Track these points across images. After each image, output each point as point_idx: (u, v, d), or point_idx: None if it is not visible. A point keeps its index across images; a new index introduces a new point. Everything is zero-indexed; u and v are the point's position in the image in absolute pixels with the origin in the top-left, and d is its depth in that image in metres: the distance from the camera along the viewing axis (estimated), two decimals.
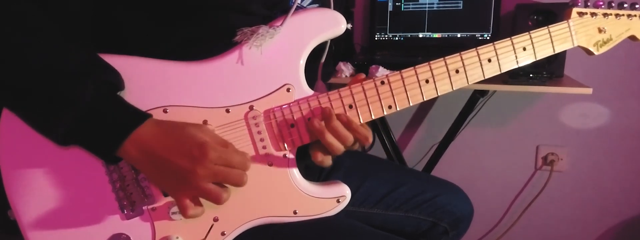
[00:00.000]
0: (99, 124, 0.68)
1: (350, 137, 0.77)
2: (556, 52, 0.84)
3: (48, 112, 0.67)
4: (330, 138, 0.76)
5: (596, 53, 0.87)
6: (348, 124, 0.77)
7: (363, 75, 0.80)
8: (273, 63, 0.77)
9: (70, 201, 0.74)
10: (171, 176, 0.69)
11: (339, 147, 0.77)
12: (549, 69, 1.50)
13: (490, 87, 1.55)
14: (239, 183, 0.71)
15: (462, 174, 2.05)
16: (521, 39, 0.82)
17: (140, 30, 0.78)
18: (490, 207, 2.09)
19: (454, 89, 0.81)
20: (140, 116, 0.70)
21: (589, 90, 1.41)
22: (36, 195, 0.73)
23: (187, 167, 0.68)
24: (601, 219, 2.01)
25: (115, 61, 0.72)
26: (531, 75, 1.44)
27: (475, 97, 1.73)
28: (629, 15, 0.87)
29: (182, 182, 0.69)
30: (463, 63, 0.80)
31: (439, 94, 0.80)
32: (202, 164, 0.67)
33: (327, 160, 0.81)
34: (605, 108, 1.88)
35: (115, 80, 0.71)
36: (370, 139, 0.79)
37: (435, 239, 1.11)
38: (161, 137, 0.69)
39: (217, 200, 0.70)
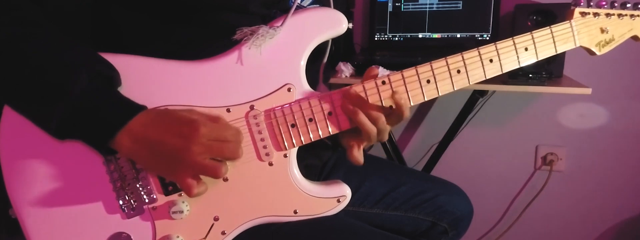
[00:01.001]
0: (92, 115, 0.68)
1: (381, 117, 0.77)
2: (558, 52, 0.84)
3: (42, 103, 0.67)
4: (363, 118, 0.76)
5: (598, 53, 0.87)
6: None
7: (376, 71, 0.80)
8: (274, 63, 0.77)
9: (71, 200, 0.74)
10: (167, 159, 0.69)
11: (372, 129, 0.77)
12: (548, 69, 1.50)
13: (490, 87, 1.55)
14: (234, 155, 0.71)
15: (462, 174, 2.05)
16: (523, 39, 0.82)
17: (139, 30, 0.78)
18: (490, 207, 2.09)
19: (455, 89, 0.80)
20: (134, 108, 0.70)
21: (588, 91, 1.41)
22: (37, 194, 0.73)
23: (181, 145, 0.68)
24: (600, 219, 2.02)
25: (116, 60, 0.72)
26: (530, 75, 1.44)
27: (475, 97, 1.74)
28: (631, 16, 0.87)
29: (178, 162, 0.69)
30: (464, 63, 0.80)
31: (440, 94, 0.80)
32: (195, 141, 0.67)
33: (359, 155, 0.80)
34: (604, 108, 1.88)
35: (110, 74, 0.71)
36: (407, 113, 0.79)
37: (434, 239, 1.11)
38: (153, 123, 0.69)
39: (216, 174, 0.70)
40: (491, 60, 0.81)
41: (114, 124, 0.68)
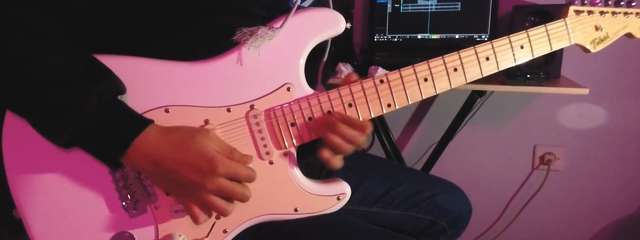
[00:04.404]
0: (102, 132, 0.69)
1: (355, 135, 0.77)
2: (553, 50, 0.85)
3: (52, 120, 0.68)
4: (335, 137, 0.77)
5: (593, 51, 0.88)
6: (346, 121, 0.77)
7: (355, 76, 0.80)
8: (273, 63, 0.77)
9: (74, 200, 0.75)
10: (179, 187, 0.72)
11: (344, 146, 0.78)
12: (546, 70, 1.50)
13: (488, 88, 1.55)
14: (242, 200, 0.74)
15: (460, 173, 2.06)
16: (519, 37, 0.83)
17: (140, 31, 0.78)
18: (488, 206, 2.10)
19: (453, 87, 0.81)
20: (142, 123, 0.71)
21: (585, 91, 1.41)
22: (40, 194, 0.74)
23: (196, 181, 0.69)
24: (597, 218, 2.02)
25: (117, 62, 0.73)
26: (528, 75, 1.44)
27: (473, 98, 1.74)
28: (625, 13, 0.88)
29: (190, 193, 0.71)
30: (461, 61, 0.81)
31: (437, 92, 0.81)
32: (211, 179, 0.69)
33: (336, 160, 0.79)
34: (602, 108, 1.89)
35: (117, 87, 0.71)
36: (369, 128, 0.78)
37: (433, 238, 1.11)
38: (169, 148, 0.70)
39: (223, 214, 0.73)
40: (488, 58, 0.82)
41: (124, 141, 0.69)
